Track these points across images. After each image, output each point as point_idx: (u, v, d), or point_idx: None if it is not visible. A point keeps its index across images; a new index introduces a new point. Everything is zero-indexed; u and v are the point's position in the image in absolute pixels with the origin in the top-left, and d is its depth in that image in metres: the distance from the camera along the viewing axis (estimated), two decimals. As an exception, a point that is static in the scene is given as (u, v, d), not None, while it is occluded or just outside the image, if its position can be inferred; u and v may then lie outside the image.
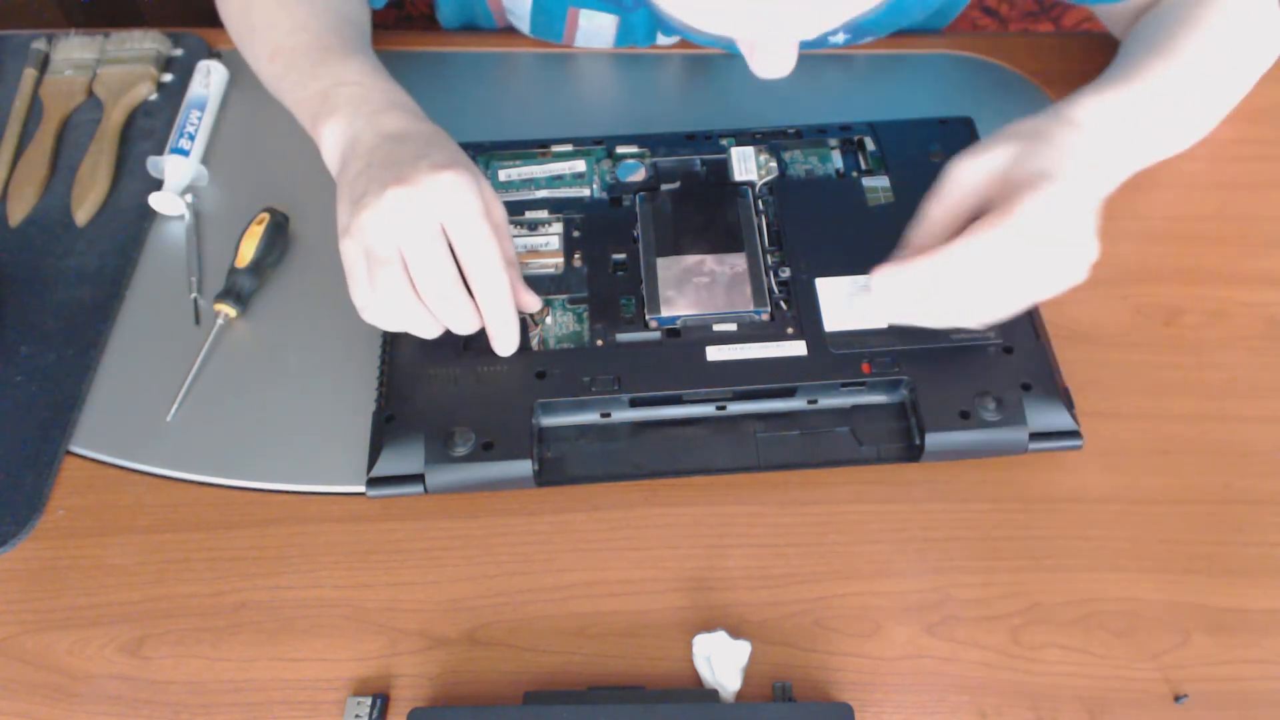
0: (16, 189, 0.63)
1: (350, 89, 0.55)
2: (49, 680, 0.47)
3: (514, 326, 0.51)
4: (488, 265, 0.49)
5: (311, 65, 0.57)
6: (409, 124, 0.53)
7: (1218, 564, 0.49)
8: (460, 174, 0.49)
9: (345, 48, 0.58)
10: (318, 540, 0.51)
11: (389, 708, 0.46)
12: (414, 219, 0.48)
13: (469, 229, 0.49)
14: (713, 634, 0.46)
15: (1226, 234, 0.61)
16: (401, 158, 0.50)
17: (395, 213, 0.48)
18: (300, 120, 0.58)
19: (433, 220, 0.48)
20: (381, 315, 0.50)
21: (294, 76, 0.58)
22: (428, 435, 0.50)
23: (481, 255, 0.49)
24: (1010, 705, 0.46)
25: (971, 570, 0.49)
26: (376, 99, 0.55)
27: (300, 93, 0.57)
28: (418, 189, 0.48)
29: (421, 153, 0.50)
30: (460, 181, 0.48)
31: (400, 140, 0.51)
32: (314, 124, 0.55)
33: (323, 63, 0.57)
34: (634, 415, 0.53)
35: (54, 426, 0.54)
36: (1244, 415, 0.54)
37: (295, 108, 0.59)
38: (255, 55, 0.62)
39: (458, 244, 0.49)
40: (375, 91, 0.55)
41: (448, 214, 0.48)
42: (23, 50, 0.69)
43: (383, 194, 0.48)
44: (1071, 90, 0.57)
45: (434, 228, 0.48)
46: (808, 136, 0.62)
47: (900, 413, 0.52)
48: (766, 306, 0.54)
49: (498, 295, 0.50)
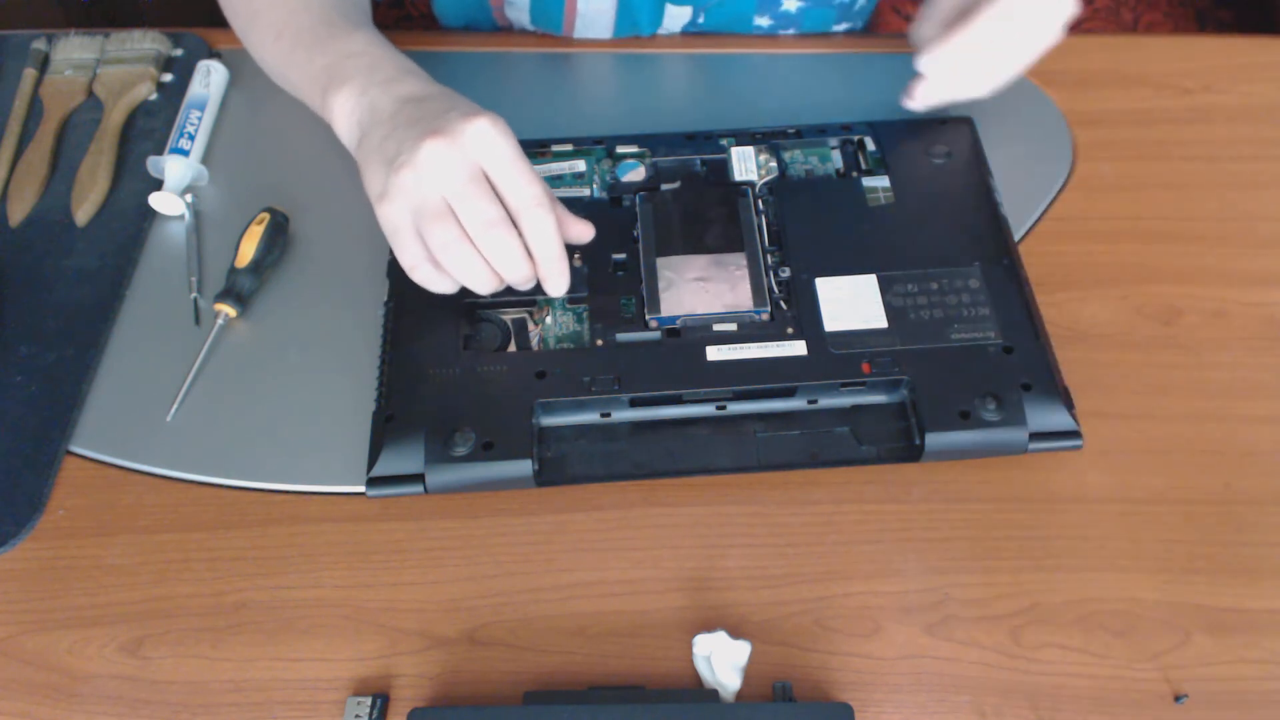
0: (16, 189, 0.63)
1: (359, 60, 0.55)
2: (49, 680, 0.47)
3: (564, 263, 0.51)
4: (534, 201, 0.49)
5: (317, 40, 0.57)
6: (424, 87, 0.53)
7: (1218, 564, 0.49)
8: (493, 119, 0.49)
9: (350, 22, 0.58)
10: (318, 540, 0.51)
11: (389, 708, 0.46)
12: (455, 166, 0.48)
13: (510, 169, 0.49)
14: (713, 634, 0.46)
15: (1226, 234, 0.61)
16: (427, 115, 0.50)
17: (436, 163, 0.48)
18: (308, 99, 0.58)
19: (474, 165, 0.48)
20: (434, 273, 0.50)
21: (300, 54, 0.58)
22: (428, 435, 0.50)
23: (526, 192, 0.49)
24: (1010, 705, 0.46)
25: (971, 570, 0.49)
26: (387, 67, 0.55)
27: (307, 69, 0.57)
28: (454, 138, 0.48)
29: (446, 107, 0.50)
30: (494, 126, 0.49)
31: (420, 101, 0.51)
32: (324, 98, 0.55)
33: (329, 37, 0.57)
34: (634, 415, 0.53)
35: (54, 426, 0.54)
36: (1244, 415, 0.54)
37: (302, 85, 0.59)
38: (260, 39, 0.62)
39: (500, 185, 0.49)
40: (385, 60, 0.55)
41: (486, 157, 0.48)
42: (23, 50, 0.69)
43: (419, 149, 0.48)
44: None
45: (476, 172, 0.48)
46: (808, 136, 0.62)
47: (900, 413, 0.52)
48: (766, 306, 0.54)
49: (546, 231, 0.50)
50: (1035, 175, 0.63)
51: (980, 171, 0.60)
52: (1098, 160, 0.64)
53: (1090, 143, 0.65)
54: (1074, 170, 0.64)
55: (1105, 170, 0.64)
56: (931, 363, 0.52)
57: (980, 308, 0.54)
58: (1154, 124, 0.66)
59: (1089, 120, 0.66)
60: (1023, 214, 0.61)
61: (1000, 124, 0.64)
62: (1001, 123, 0.64)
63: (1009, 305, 0.54)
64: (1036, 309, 0.55)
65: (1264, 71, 0.68)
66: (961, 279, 0.55)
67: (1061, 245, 0.60)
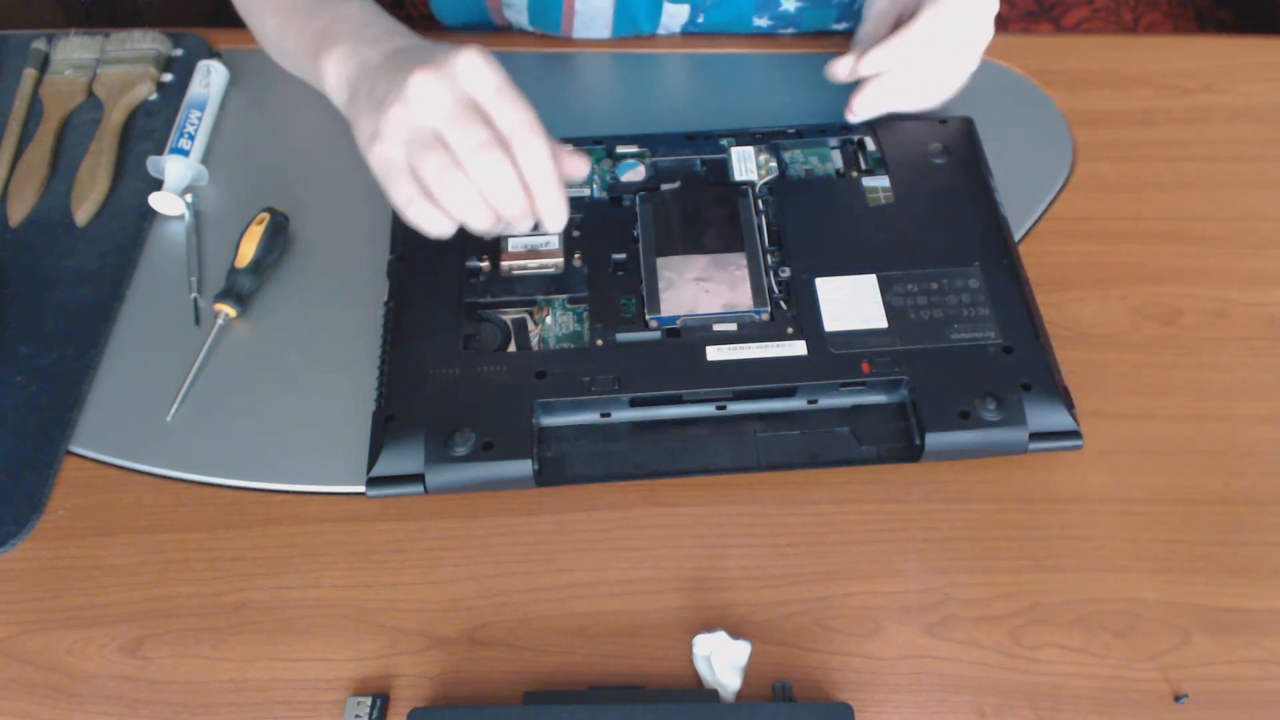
0: (16, 189, 0.63)
1: (350, 22, 0.56)
2: (49, 680, 0.47)
3: (562, 193, 0.50)
4: (525, 127, 0.48)
5: (310, 11, 0.59)
6: (413, 41, 0.54)
7: (1218, 564, 0.49)
8: (480, 50, 0.49)
9: None
10: (318, 540, 0.51)
11: (389, 708, 0.46)
12: (445, 95, 0.48)
13: (500, 95, 0.48)
14: (713, 634, 0.46)
15: (1226, 234, 0.61)
16: (415, 58, 0.49)
17: (425, 94, 0.47)
18: (303, 68, 0.60)
19: (463, 94, 0.48)
20: (429, 209, 0.49)
21: (295, 23, 0.60)
22: (428, 435, 0.50)
23: (518, 118, 0.48)
24: (1010, 705, 0.46)
25: (971, 570, 0.49)
26: (377, 27, 0.55)
27: (301, 37, 0.59)
28: (442, 68, 0.48)
29: (434, 49, 0.50)
30: (482, 56, 0.48)
31: (409, 51, 0.52)
32: (316, 60, 0.56)
33: (322, 5, 0.58)
34: (634, 415, 0.53)
35: (54, 426, 0.54)
36: (1244, 415, 0.54)
37: (299, 56, 0.60)
38: (261, 20, 0.64)
39: (492, 113, 0.48)
40: (375, 21, 0.56)
41: (476, 86, 0.48)
42: (23, 50, 0.69)
43: (407, 83, 0.48)
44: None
45: (466, 100, 0.48)
46: (808, 136, 0.62)
47: (900, 413, 0.52)
48: (766, 306, 0.54)
49: (539, 156, 0.49)
50: (1035, 175, 0.63)
51: (980, 171, 0.60)
52: (1098, 160, 0.64)
53: (1090, 143, 0.65)
54: (1074, 170, 0.64)
55: (1105, 170, 0.64)
56: (931, 363, 0.52)
57: (980, 308, 0.54)
58: (1154, 124, 0.66)
59: (1089, 120, 0.66)
60: (1023, 214, 0.61)
61: (1000, 124, 0.64)
62: (1001, 123, 0.64)
63: (1009, 305, 0.54)
64: (1036, 309, 0.55)
65: (1264, 71, 0.69)
66: (961, 279, 0.55)
67: (1061, 245, 0.60)
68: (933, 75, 0.61)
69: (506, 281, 0.56)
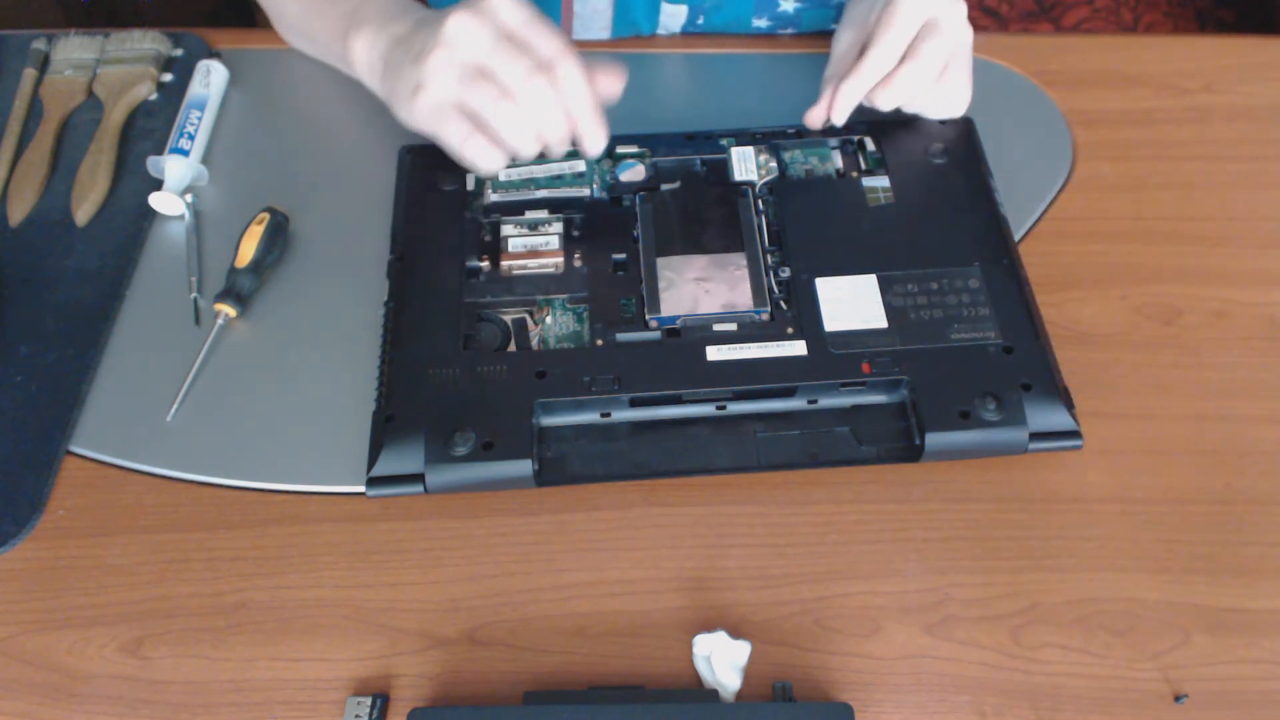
0: (16, 189, 0.63)
1: (376, 4, 0.58)
2: (49, 680, 0.47)
3: (600, 115, 0.53)
4: (560, 54, 0.51)
5: None
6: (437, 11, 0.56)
7: (1218, 564, 0.49)
8: None
9: None
10: (318, 540, 0.51)
11: (389, 708, 0.46)
12: (483, 31, 0.50)
13: (533, 26, 0.51)
14: (713, 634, 0.46)
15: (1226, 234, 0.61)
16: (444, 13, 0.52)
17: (465, 33, 0.50)
18: (329, 51, 0.63)
19: (499, 28, 0.51)
20: (483, 144, 0.51)
21: (318, 8, 0.63)
22: (428, 435, 0.50)
23: (552, 44, 0.51)
24: (1010, 705, 0.46)
25: (971, 570, 0.49)
26: (403, 4, 0.58)
27: (325, 20, 0.61)
28: (474, 8, 0.50)
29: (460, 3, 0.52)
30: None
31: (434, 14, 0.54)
32: (344, 42, 0.59)
33: None
34: (634, 415, 0.53)
35: (54, 426, 0.54)
36: (1244, 415, 0.54)
37: (324, 38, 0.62)
38: (280, 3, 0.66)
39: (528, 43, 0.51)
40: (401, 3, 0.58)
41: (509, 20, 0.51)
42: (23, 50, 0.69)
43: (444, 27, 0.50)
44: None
45: (504, 32, 0.51)
46: (808, 136, 0.62)
47: (900, 413, 0.52)
48: (766, 306, 0.54)
49: (578, 80, 0.51)
50: (1035, 175, 0.63)
51: (980, 171, 0.60)
52: (1098, 160, 0.64)
53: (1090, 143, 0.65)
54: (1074, 170, 0.64)
55: (1105, 170, 0.64)
56: (931, 363, 0.52)
57: (980, 308, 0.54)
58: (1154, 124, 0.66)
59: (1089, 120, 0.66)
60: (1023, 214, 0.61)
61: (1000, 124, 0.64)
62: (1001, 123, 0.64)
63: (1009, 305, 0.54)
64: (1036, 309, 0.55)
65: (1264, 71, 0.69)
66: (961, 279, 0.55)
67: (1061, 245, 0.60)
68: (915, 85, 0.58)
69: (506, 281, 0.56)
